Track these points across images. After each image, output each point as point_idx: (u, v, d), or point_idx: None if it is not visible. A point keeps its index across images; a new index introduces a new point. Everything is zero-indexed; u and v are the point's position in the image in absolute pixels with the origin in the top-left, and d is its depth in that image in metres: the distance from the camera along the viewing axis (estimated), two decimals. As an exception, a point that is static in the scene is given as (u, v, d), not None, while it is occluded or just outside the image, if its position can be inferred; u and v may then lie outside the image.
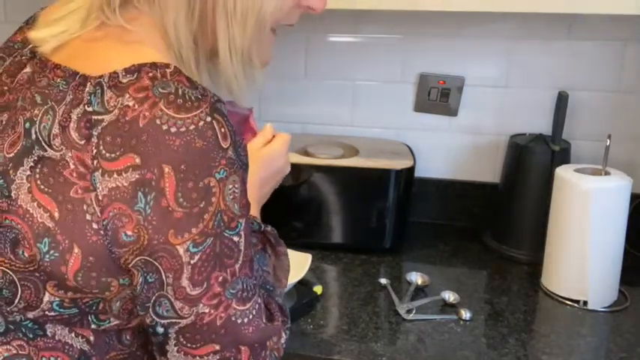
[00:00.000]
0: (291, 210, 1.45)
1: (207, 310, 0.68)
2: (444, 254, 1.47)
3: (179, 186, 0.64)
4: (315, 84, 1.64)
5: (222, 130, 0.66)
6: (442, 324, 1.18)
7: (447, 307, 1.23)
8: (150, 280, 0.67)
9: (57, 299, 0.70)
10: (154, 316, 0.69)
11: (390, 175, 1.41)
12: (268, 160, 1.03)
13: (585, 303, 1.24)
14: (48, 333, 0.73)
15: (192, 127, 0.64)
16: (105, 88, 0.67)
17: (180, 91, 0.66)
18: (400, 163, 1.43)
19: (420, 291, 1.29)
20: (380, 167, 1.42)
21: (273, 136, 1.08)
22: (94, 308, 0.72)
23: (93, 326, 0.74)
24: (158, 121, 0.64)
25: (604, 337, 1.18)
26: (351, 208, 1.43)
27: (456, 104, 1.58)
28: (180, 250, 0.65)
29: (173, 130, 0.64)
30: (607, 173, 1.26)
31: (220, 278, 0.68)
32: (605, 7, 1.17)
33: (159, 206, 0.64)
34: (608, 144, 1.26)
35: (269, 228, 0.90)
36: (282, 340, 0.77)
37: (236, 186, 0.67)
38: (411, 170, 1.45)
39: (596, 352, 1.12)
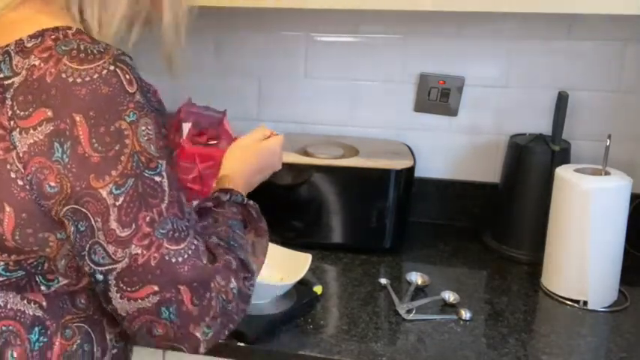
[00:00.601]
0: (291, 210, 1.45)
1: (139, 251, 0.71)
2: (444, 254, 1.47)
3: (92, 132, 0.69)
4: (315, 84, 1.64)
5: (127, 76, 0.72)
6: (442, 324, 1.18)
7: (447, 307, 1.23)
8: (81, 229, 0.71)
9: (1, 263, 0.74)
10: (91, 264, 0.72)
11: (390, 175, 1.41)
12: (266, 152, 1.09)
13: (585, 303, 1.24)
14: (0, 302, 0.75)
15: (96, 75, 0.70)
16: (12, 54, 0.72)
17: (82, 47, 0.71)
18: (400, 163, 1.43)
19: (420, 291, 1.29)
20: (380, 167, 1.42)
21: (270, 135, 1.13)
22: (39, 269, 0.75)
23: (43, 288, 0.76)
24: (64, 75, 0.69)
25: (604, 337, 1.18)
26: (351, 208, 1.43)
27: (456, 104, 1.58)
28: (104, 193, 0.70)
29: (79, 80, 0.69)
30: (607, 173, 1.26)
31: (148, 218, 0.71)
32: (605, 7, 1.18)
33: (76, 154, 0.69)
34: (608, 144, 1.26)
35: (251, 202, 0.94)
36: (232, 285, 0.78)
37: (149, 128, 0.72)
38: (411, 170, 1.45)
39: (596, 352, 1.12)
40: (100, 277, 0.73)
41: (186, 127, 1.47)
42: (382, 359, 1.07)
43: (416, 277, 1.31)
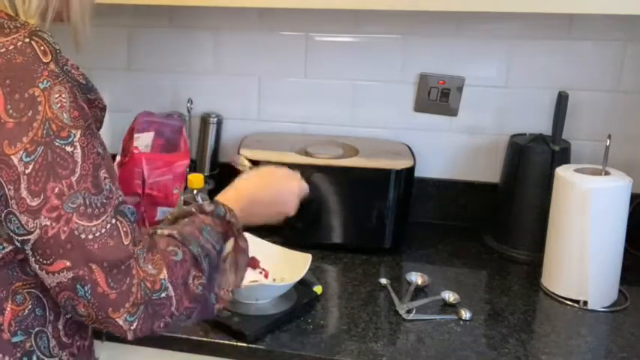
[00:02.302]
0: (291, 210, 1.45)
1: (49, 223, 0.72)
2: (444, 254, 1.47)
3: (7, 99, 0.72)
4: (315, 84, 1.64)
5: (42, 48, 0.74)
6: (442, 324, 1.18)
7: (447, 307, 1.23)
8: None
9: None
10: (9, 232, 0.75)
11: (390, 175, 1.41)
12: (283, 189, 1.06)
13: (585, 303, 1.24)
14: None
15: (11, 47, 0.73)
16: None
17: None
18: (400, 163, 1.43)
19: (420, 291, 1.29)
20: (380, 167, 1.42)
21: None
22: None
23: None
24: None
25: (604, 337, 1.18)
26: (351, 208, 1.43)
27: (456, 104, 1.58)
28: (15, 159, 0.72)
29: None
30: (607, 173, 1.26)
31: (56, 189, 0.72)
32: (605, 7, 1.17)
33: None
34: (608, 144, 1.26)
35: (234, 220, 0.91)
36: (163, 276, 0.77)
37: (63, 96, 0.74)
38: (411, 170, 1.45)
39: (596, 352, 1.12)
40: (18, 244, 0.75)
41: (149, 136, 1.51)
42: (382, 359, 1.07)
43: (416, 277, 1.31)
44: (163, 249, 0.80)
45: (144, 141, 1.52)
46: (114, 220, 0.76)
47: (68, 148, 0.73)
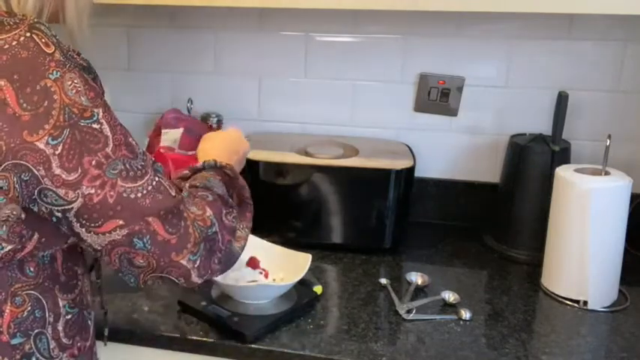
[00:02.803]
0: (291, 210, 1.45)
1: (93, 191, 0.75)
2: (444, 254, 1.47)
3: (18, 94, 0.73)
4: (315, 84, 1.64)
5: (44, 40, 0.75)
6: (442, 324, 1.18)
7: (447, 307, 1.23)
8: (25, 178, 0.74)
9: None
10: (47, 205, 0.76)
11: (390, 175, 1.41)
12: (229, 137, 1.11)
13: (585, 303, 1.24)
14: None
15: (14, 43, 0.74)
16: None
17: None
18: (400, 163, 1.43)
19: (420, 291, 1.29)
20: (380, 167, 1.42)
21: None
22: None
23: None
24: None
25: (604, 337, 1.18)
26: (351, 208, 1.43)
27: (456, 104, 1.58)
28: (40, 144, 0.73)
29: None
30: (607, 173, 1.26)
31: (94, 162, 0.75)
32: (605, 7, 1.17)
33: (5, 115, 0.72)
34: (608, 144, 1.26)
35: (224, 163, 0.96)
36: (208, 213, 0.84)
37: (75, 82, 0.75)
38: (411, 170, 1.45)
39: (596, 352, 1.12)
40: (59, 214, 0.77)
41: (178, 132, 1.50)
42: (382, 359, 1.07)
43: (416, 277, 1.31)
44: (197, 194, 0.86)
45: (172, 136, 1.52)
46: (157, 178, 0.80)
47: (95, 126, 0.76)
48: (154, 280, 0.81)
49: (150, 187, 0.79)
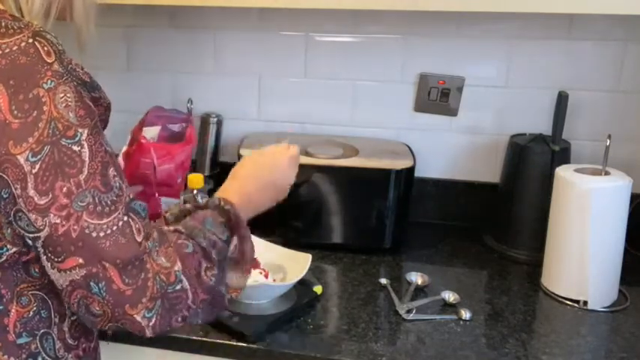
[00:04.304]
0: (291, 210, 1.45)
1: (58, 221, 0.72)
2: (444, 254, 1.47)
3: (11, 99, 0.72)
4: (315, 84, 1.64)
5: (45, 48, 0.74)
6: (442, 324, 1.18)
7: (447, 307, 1.23)
8: (5, 196, 0.73)
9: None
10: (20, 230, 0.75)
11: (390, 175, 1.41)
12: (267, 166, 1.05)
13: (585, 303, 1.24)
14: None
15: (15, 47, 0.73)
16: None
17: (2, 23, 0.74)
18: (400, 163, 1.43)
19: (420, 291, 1.29)
20: (380, 167, 1.42)
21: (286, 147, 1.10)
22: None
23: None
24: None
25: (604, 337, 1.18)
26: (351, 208, 1.43)
27: (456, 104, 1.58)
28: (21, 159, 0.71)
29: None
30: (607, 173, 1.26)
31: (65, 189, 0.72)
32: (605, 7, 1.17)
33: None
34: (608, 144, 1.26)
35: (228, 206, 0.90)
36: (177, 267, 0.77)
37: (68, 95, 0.73)
38: (411, 170, 1.45)
39: (596, 352, 1.12)
40: (29, 242, 0.75)
41: (156, 129, 1.52)
42: (382, 359, 1.07)
43: (416, 277, 1.31)
44: (174, 241, 0.80)
45: (150, 134, 1.53)
46: (125, 218, 0.75)
47: (75, 147, 0.73)
48: (114, 328, 0.77)
49: (114, 228, 0.74)
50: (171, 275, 0.76)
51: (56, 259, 0.74)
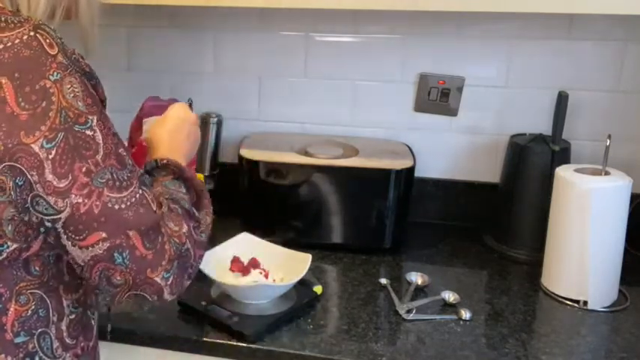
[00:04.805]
0: (292, 210, 1.45)
1: (80, 200, 0.75)
2: (444, 254, 1.47)
3: (17, 92, 0.73)
4: (315, 84, 1.64)
5: (48, 40, 0.75)
6: (442, 324, 1.18)
7: (447, 307, 1.23)
8: (19, 183, 0.74)
9: None
10: (37, 214, 0.76)
11: (390, 175, 1.41)
12: (171, 122, 1.11)
13: (585, 303, 1.24)
14: None
15: (17, 41, 0.74)
16: None
17: (2, 18, 0.76)
18: (400, 163, 1.43)
19: (420, 291, 1.29)
20: (380, 167, 1.42)
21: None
22: None
23: None
24: None
25: (604, 337, 1.18)
26: (351, 208, 1.43)
27: (456, 104, 1.58)
28: (35, 147, 0.73)
29: (1, 47, 0.73)
30: (607, 173, 1.26)
31: (84, 169, 0.75)
32: (605, 7, 1.17)
33: (4, 113, 0.73)
34: (608, 144, 1.26)
35: (167, 161, 0.95)
36: (184, 230, 0.84)
37: (75, 86, 0.75)
38: (411, 170, 1.45)
39: (596, 352, 1.12)
40: (48, 224, 0.77)
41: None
42: (382, 359, 1.07)
43: (416, 277, 1.31)
44: (171, 207, 0.85)
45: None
46: (140, 190, 0.80)
47: (88, 132, 0.76)
48: (128, 299, 0.81)
49: (133, 200, 0.79)
50: (182, 237, 0.83)
51: (77, 237, 0.76)
